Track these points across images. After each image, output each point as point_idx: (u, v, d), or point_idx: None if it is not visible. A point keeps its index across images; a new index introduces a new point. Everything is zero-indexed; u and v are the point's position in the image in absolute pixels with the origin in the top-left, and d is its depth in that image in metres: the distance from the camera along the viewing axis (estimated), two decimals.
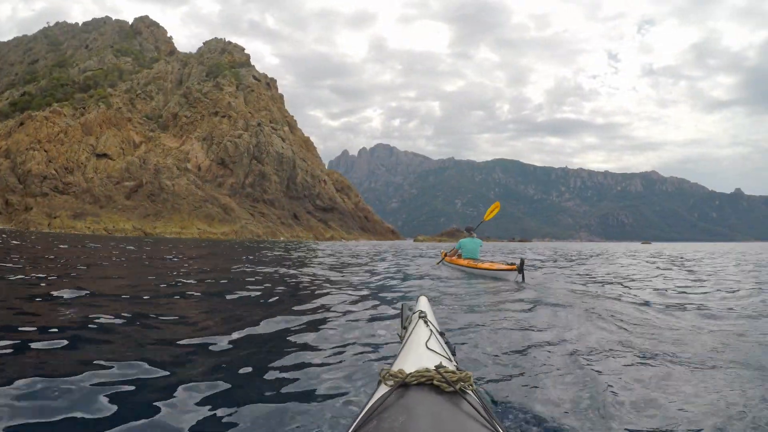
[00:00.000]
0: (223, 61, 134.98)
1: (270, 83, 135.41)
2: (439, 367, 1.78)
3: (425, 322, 2.85)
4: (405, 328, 3.17)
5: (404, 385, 1.72)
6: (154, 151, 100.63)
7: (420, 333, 2.61)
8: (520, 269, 9.69)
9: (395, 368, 1.89)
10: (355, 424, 1.55)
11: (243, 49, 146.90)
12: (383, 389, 1.77)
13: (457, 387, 1.67)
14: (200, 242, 45.22)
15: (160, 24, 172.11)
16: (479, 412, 1.55)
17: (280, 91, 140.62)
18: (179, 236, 72.18)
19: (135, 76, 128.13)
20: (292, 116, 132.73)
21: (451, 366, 2.08)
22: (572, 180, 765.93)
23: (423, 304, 3.63)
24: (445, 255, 14.98)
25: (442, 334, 2.88)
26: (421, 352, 2.26)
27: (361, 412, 1.65)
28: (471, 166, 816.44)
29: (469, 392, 1.72)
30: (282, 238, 69.57)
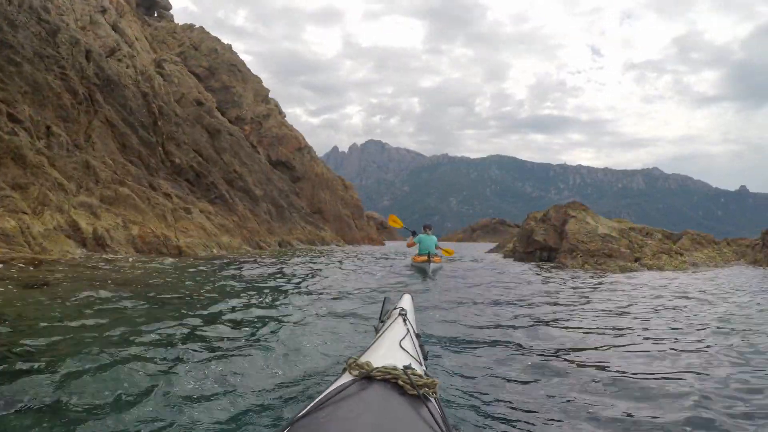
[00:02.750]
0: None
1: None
2: (407, 367, 1.74)
3: (404, 320, 2.84)
4: (383, 321, 3.25)
5: (368, 377, 1.68)
6: None
7: (396, 330, 2.60)
8: (428, 261, 11.98)
9: (363, 359, 1.85)
10: (309, 406, 1.51)
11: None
12: (346, 378, 1.73)
13: (421, 392, 1.62)
14: None
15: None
16: (436, 422, 1.49)
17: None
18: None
19: None
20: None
21: (419, 369, 2.04)
22: (571, 177, 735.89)
23: (406, 301, 3.69)
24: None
25: (418, 335, 2.86)
26: (393, 350, 2.23)
27: (318, 396, 1.60)
28: (466, 163, 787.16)
29: (432, 400, 1.66)
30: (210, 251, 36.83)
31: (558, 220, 18.46)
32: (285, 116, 50.11)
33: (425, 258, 12.65)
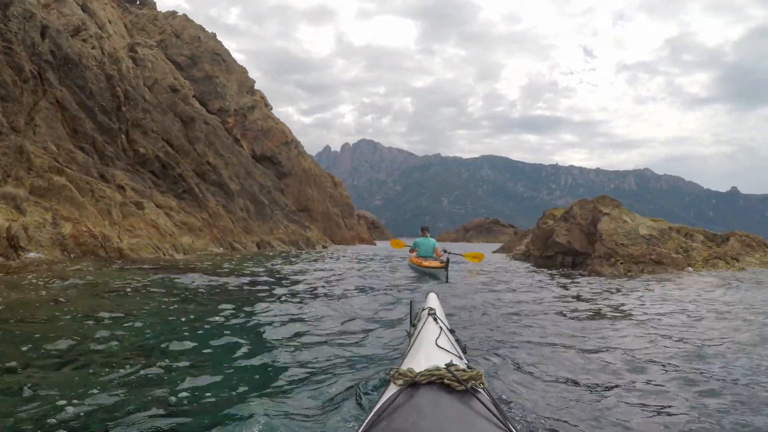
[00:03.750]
0: None
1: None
2: (449, 365, 1.72)
3: (435, 319, 2.83)
4: (414, 325, 3.24)
5: (414, 384, 1.66)
6: None
7: (429, 330, 2.57)
8: (445, 267, 10.59)
9: (404, 367, 1.82)
10: (365, 424, 1.50)
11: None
12: (393, 389, 1.71)
13: (468, 386, 1.62)
14: None
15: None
16: (491, 412, 1.50)
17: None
18: None
19: None
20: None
21: (461, 364, 2.01)
22: (563, 178, 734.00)
23: (432, 300, 3.71)
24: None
25: (452, 331, 2.87)
26: (431, 350, 2.19)
27: (370, 413, 1.59)
28: (458, 163, 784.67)
29: (481, 391, 1.67)
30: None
31: (584, 218, 15.71)
32: (272, 109, 47.29)
33: (436, 263, 11.77)
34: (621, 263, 12.28)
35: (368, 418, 1.52)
